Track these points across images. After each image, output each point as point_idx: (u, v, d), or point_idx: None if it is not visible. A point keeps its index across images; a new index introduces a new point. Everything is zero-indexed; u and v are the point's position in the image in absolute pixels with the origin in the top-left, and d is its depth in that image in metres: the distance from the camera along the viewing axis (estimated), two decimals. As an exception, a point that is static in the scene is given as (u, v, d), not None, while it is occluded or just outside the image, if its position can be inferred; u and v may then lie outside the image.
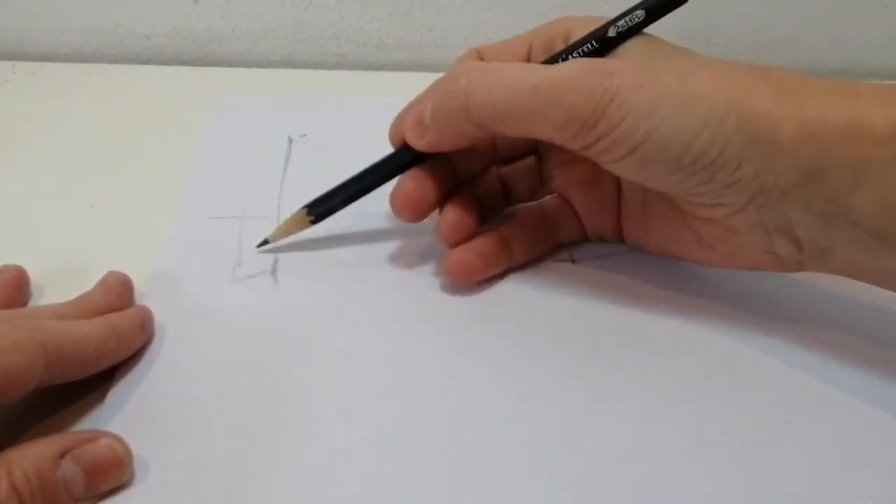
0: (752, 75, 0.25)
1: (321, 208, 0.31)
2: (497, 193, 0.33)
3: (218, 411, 0.26)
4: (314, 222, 0.31)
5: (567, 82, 0.25)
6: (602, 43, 0.28)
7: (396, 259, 0.32)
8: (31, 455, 0.22)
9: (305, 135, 0.39)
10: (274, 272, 0.31)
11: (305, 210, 0.31)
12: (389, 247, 0.33)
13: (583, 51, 0.28)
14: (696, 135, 0.24)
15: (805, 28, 0.48)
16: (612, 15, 0.28)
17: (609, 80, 0.24)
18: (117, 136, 0.39)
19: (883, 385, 0.27)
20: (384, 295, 0.31)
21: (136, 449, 0.24)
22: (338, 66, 0.49)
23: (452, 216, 0.30)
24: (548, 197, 0.33)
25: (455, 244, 0.30)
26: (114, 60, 0.48)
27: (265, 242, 0.32)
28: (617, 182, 0.31)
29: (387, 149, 0.31)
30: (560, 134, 0.26)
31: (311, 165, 0.37)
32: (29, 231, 0.33)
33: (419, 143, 0.29)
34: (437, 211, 0.31)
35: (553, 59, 0.29)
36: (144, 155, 0.38)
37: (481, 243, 0.30)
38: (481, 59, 0.31)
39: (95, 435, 0.24)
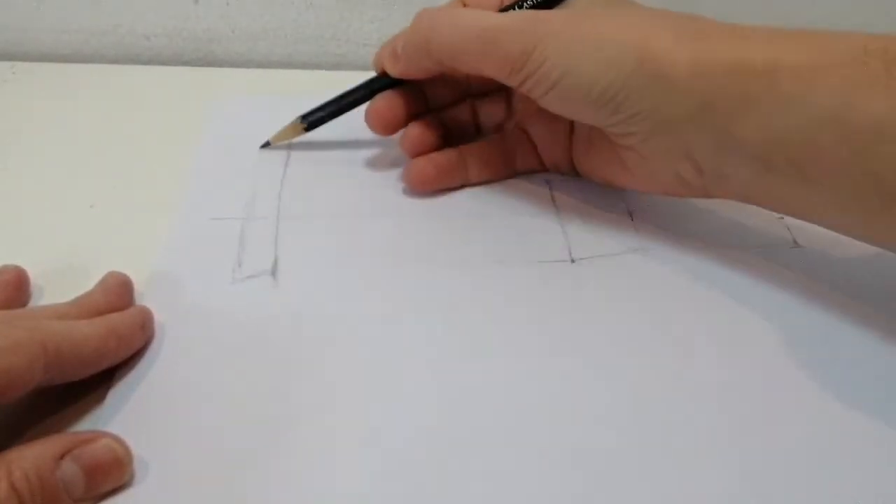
0: (660, 22, 0.29)
1: (312, 118, 0.37)
2: (469, 124, 0.37)
3: (218, 411, 0.26)
4: (307, 130, 0.37)
5: (505, 28, 0.30)
6: None
7: (396, 258, 0.32)
8: (31, 455, 0.22)
9: (305, 136, 0.38)
10: (274, 272, 0.31)
11: (300, 119, 0.37)
12: (389, 248, 0.33)
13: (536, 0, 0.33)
14: (602, 74, 0.28)
15: (805, 28, 0.48)
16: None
17: (537, 27, 0.29)
18: (117, 136, 0.39)
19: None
20: (384, 295, 0.31)
21: (136, 449, 0.24)
22: (338, 66, 0.49)
23: (414, 131, 0.35)
24: (508, 129, 0.37)
25: (414, 155, 0.35)
26: (114, 60, 0.48)
27: (267, 144, 0.38)
28: (569, 119, 0.35)
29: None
30: (498, 72, 0.30)
31: (311, 166, 0.37)
32: (29, 231, 0.33)
33: (393, 71, 0.34)
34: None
35: (511, 7, 0.33)
36: (144, 155, 0.38)
37: (439, 156, 0.35)
38: (464, 3, 0.34)
39: (95, 435, 0.24)
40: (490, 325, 0.29)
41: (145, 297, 0.30)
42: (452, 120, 0.37)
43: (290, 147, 0.38)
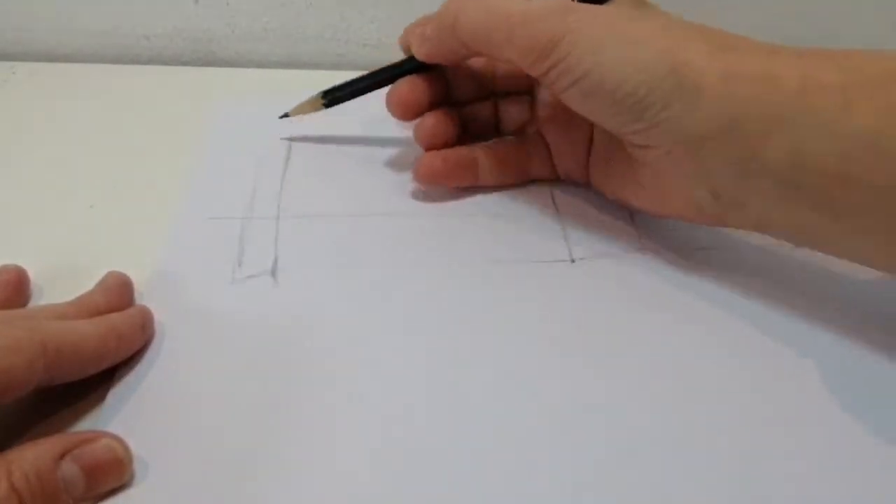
0: (693, 31, 0.28)
1: (333, 96, 0.36)
2: (489, 123, 0.36)
3: (218, 411, 0.26)
4: (326, 106, 0.36)
5: (534, 16, 0.29)
6: None
7: (395, 257, 0.32)
8: (31, 456, 0.22)
9: (305, 135, 0.39)
10: (274, 272, 0.31)
11: (320, 95, 0.36)
12: (389, 247, 0.33)
13: None
14: (630, 75, 0.27)
15: (805, 28, 0.48)
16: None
17: (568, 17, 0.28)
18: (117, 136, 0.39)
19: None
20: (383, 294, 0.31)
21: (136, 449, 0.24)
22: (338, 66, 0.49)
23: (430, 121, 0.34)
24: (527, 133, 0.36)
25: (427, 147, 0.34)
26: (114, 60, 0.48)
27: (286, 116, 0.37)
28: (590, 128, 0.34)
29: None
30: (523, 59, 0.29)
31: (311, 166, 0.37)
32: (29, 231, 0.33)
33: (418, 52, 0.33)
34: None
35: None
36: (144, 155, 0.38)
37: (450, 153, 0.34)
38: None
39: (95, 435, 0.24)
40: (489, 325, 0.29)
41: (145, 297, 0.30)
42: (473, 116, 0.36)
43: (290, 147, 0.38)
